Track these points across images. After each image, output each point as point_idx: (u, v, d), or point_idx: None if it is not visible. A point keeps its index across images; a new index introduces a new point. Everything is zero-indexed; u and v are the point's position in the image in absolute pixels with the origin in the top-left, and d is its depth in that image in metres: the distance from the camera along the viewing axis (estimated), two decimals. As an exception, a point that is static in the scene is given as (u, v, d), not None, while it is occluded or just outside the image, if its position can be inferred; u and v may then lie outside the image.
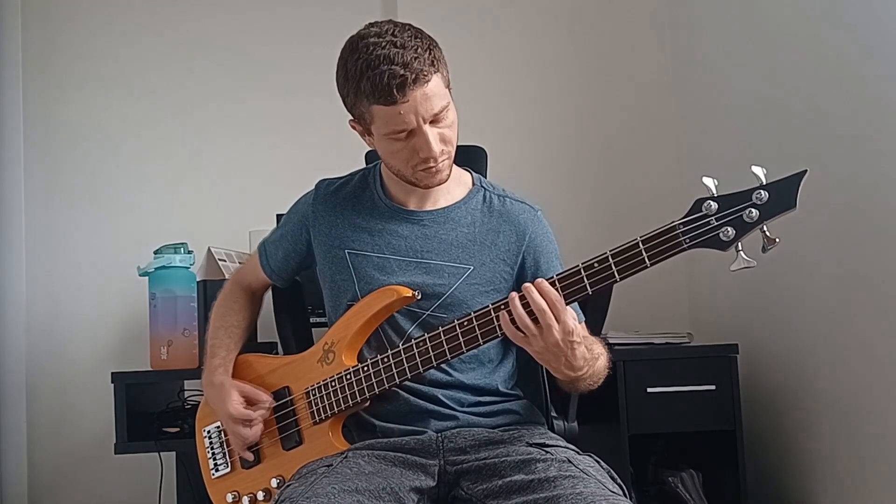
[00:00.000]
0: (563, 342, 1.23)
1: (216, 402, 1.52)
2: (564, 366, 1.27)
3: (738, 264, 1.18)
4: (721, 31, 2.60)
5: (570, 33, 2.94)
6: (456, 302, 1.44)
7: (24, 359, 2.80)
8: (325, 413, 1.44)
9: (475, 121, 2.07)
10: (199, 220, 2.82)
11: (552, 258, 1.53)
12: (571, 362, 1.27)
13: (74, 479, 2.78)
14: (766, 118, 2.32)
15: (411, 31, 1.34)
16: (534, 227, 1.52)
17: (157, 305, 2.39)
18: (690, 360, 2.23)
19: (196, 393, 2.42)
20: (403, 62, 1.30)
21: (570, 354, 1.25)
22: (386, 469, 1.33)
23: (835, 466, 2.07)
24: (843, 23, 1.96)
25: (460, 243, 1.48)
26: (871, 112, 1.86)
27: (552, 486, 1.22)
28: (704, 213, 1.18)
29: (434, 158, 1.38)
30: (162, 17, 2.93)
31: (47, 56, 2.91)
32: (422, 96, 1.32)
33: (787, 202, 1.14)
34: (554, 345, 1.24)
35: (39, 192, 2.87)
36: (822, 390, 2.11)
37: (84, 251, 2.84)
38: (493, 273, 1.48)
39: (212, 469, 1.57)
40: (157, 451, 2.31)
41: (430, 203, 1.51)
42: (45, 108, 2.89)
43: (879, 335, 1.86)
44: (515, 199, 1.55)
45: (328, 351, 1.46)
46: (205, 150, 2.89)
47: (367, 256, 1.48)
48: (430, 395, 1.43)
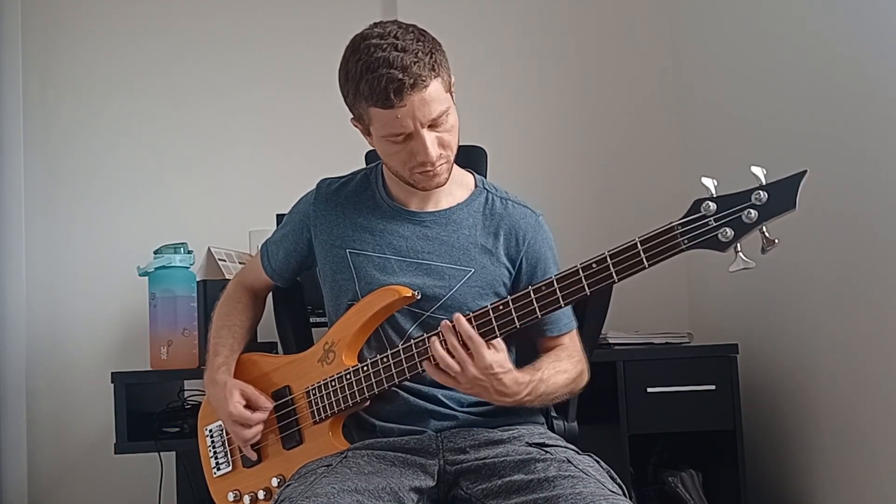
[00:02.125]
0: (484, 375, 1.27)
1: (217, 400, 1.52)
2: (495, 396, 1.30)
3: (736, 265, 1.17)
4: (721, 31, 2.60)
5: (570, 34, 2.94)
6: (456, 304, 1.44)
7: (24, 359, 2.80)
8: (325, 413, 1.44)
9: (475, 121, 2.07)
10: (199, 220, 2.82)
11: (549, 264, 1.52)
12: (502, 391, 1.29)
13: (74, 479, 2.78)
14: (766, 119, 2.32)
15: (414, 34, 1.33)
16: (534, 232, 1.52)
17: (157, 305, 2.39)
18: (690, 360, 2.23)
19: (196, 393, 2.42)
20: (402, 66, 1.29)
21: (496, 384, 1.28)
22: (385, 469, 1.33)
23: (834, 466, 2.07)
24: (843, 24, 1.96)
25: (462, 245, 1.48)
26: (872, 113, 1.86)
27: (551, 485, 1.22)
28: (703, 213, 1.17)
29: (431, 163, 1.37)
30: (162, 17, 2.93)
31: (47, 56, 2.91)
32: (419, 101, 1.31)
33: (786, 203, 1.13)
34: (473, 379, 1.27)
35: (39, 192, 2.87)
36: (821, 390, 2.11)
37: (84, 251, 2.84)
38: (494, 276, 1.48)
39: (213, 468, 1.58)
40: (157, 451, 2.31)
41: (432, 204, 1.51)
42: (45, 109, 2.89)
43: (879, 335, 1.87)
44: (518, 202, 1.55)
45: (328, 351, 1.46)
46: (205, 150, 2.89)
47: (368, 256, 1.48)
48: (430, 395, 1.43)
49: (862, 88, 1.90)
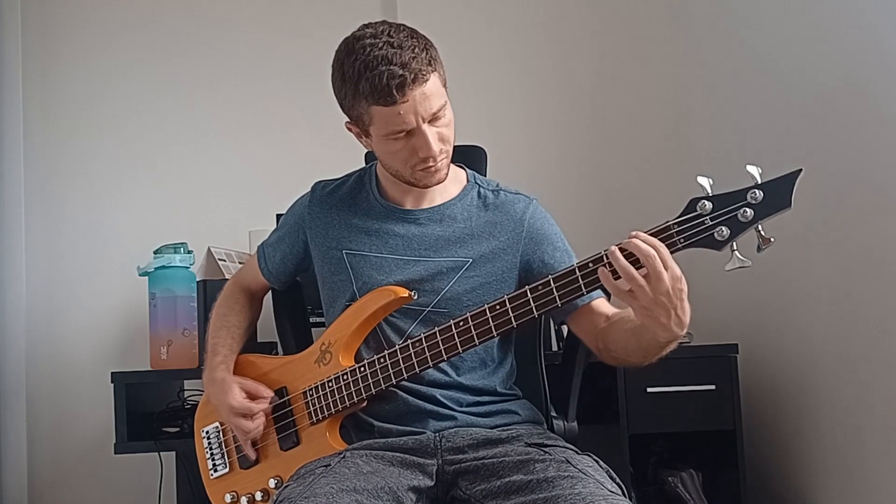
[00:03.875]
0: (674, 290, 1.15)
1: (218, 396, 1.52)
2: (674, 322, 1.17)
3: (732, 264, 1.17)
4: (719, 31, 2.60)
5: (569, 33, 2.94)
6: (455, 297, 1.44)
7: (24, 359, 2.80)
8: (323, 413, 1.44)
9: (475, 121, 2.07)
10: (199, 220, 2.82)
11: (556, 240, 1.51)
12: (681, 317, 1.17)
13: (74, 479, 2.78)
14: (762, 118, 2.32)
15: (407, 32, 1.34)
16: (531, 213, 1.52)
17: (156, 305, 2.39)
18: (690, 360, 2.23)
19: (196, 393, 2.42)
20: (402, 62, 1.30)
21: (680, 307, 1.16)
22: (384, 469, 1.33)
23: (835, 466, 2.07)
24: (840, 22, 1.96)
25: (457, 238, 1.48)
26: (869, 111, 1.86)
27: (551, 486, 1.21)
28: (699, 212, 1.17)
29: (434, 158, 1.38)
30: (162, 17, 2.92)
31: (47, 56, 2.91)
32: (421, 96, 1.32)
33: (781, 201, 1.13)
34: (665, 294, 1.14)
35: (39, 192, 2.87)
36: (821, 390, 2.11)
37: (84, 251, 2.84)
38: (494, 264, 1.47)
39: (210, 470, 1.57)
40: (157, 451, 2.31)
41: (427, 201, 1.51)
42: (45, 108, 2.89)
43: (879, 334, 1.86)
44: (509, 191, 1.55)
45: (325, 351, 1.46)
46: (205, 150, 2.89)
47: (365, 256, 1.48)
48: (429, 395, 1.43)
49: (859, 87, 1.89)
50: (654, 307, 1.16)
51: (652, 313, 1.17)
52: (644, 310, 1.17)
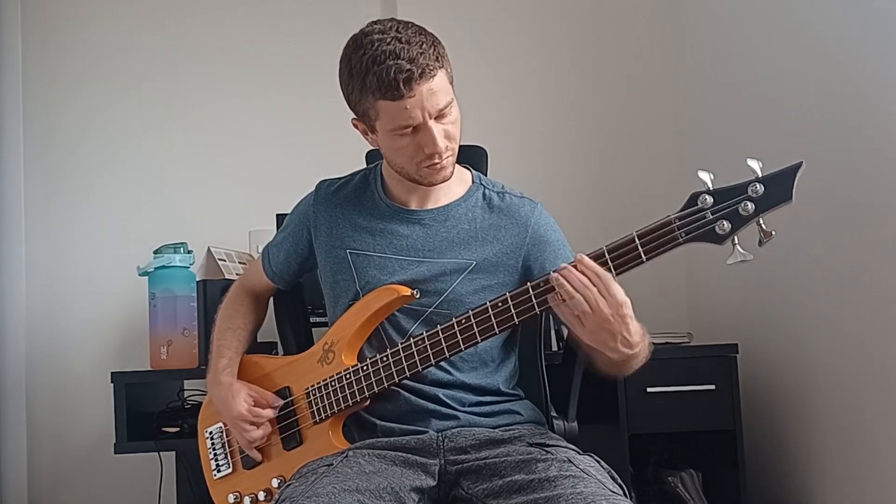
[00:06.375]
0: (615, 316, 1.19)
1: (223, 401, 1.52)
2: (621, 343, 1.22)
3: (734, 258, 1.18)
4: (718, 25, 2.61)
5: (569, 32, 2.95)
6: (458, 298, 1.44)
7: (24, 359, 2.80)
8: (325, 413, 1.44)
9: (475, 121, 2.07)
10: (199, 220, 2.82)
11: (558, 246, 1.52)
12: (628, 338, 1.21)
13: (74, 479, 2.78)
14: (763, 112, 2.32)
15: (415, 28, 1.35)
16: (535, 218, 1.52)
17: (156, 305, 2.39)
18: (690, 360, 2.23)
19: (196, 393, 2.42)
20: (409, 57, 1.30)
21: (624, 330, 1.20)
22: (386, 468, 1.33)
23: (834, 466, 2.07)
24: (840, 16, 1.96)
25: (461, 240, 1.48)
26: (870, 106, 1.86)
27: (552, 485, 1.22)
28: (700, 206, 1.18)
29: (439, 154, 1.38)
30: (162, 17, 2.92)
31: (47, 57, 2.91)
32: (428, 91, 1.32)
33: (782, 195, 1.14)
34: (605, 320, 1.19)
35: (39, 192, 2.87)
36: (821, 390, 2.11)
37: (84, 251, 2.84)
38: (497, 267, 1.48)
39: (213, 470, 1.57)
40: (157, 451, 2.31)
41: (431, 202, 1.51)
42: (45, 108, 2.89)
43: (879, 334, 1.86)
44: (514, 194, 1.55)
45: (328, 351, 1.46)
46: (205, 150, 2.89)
47: (369, 256, 1.48)
48: (432, 395, 1.43)
49: (859, 80, 1.89)
50: (599, 331, 1.21)
51: (597, 336, 1.22)
52: (591, 334, 1.22)
